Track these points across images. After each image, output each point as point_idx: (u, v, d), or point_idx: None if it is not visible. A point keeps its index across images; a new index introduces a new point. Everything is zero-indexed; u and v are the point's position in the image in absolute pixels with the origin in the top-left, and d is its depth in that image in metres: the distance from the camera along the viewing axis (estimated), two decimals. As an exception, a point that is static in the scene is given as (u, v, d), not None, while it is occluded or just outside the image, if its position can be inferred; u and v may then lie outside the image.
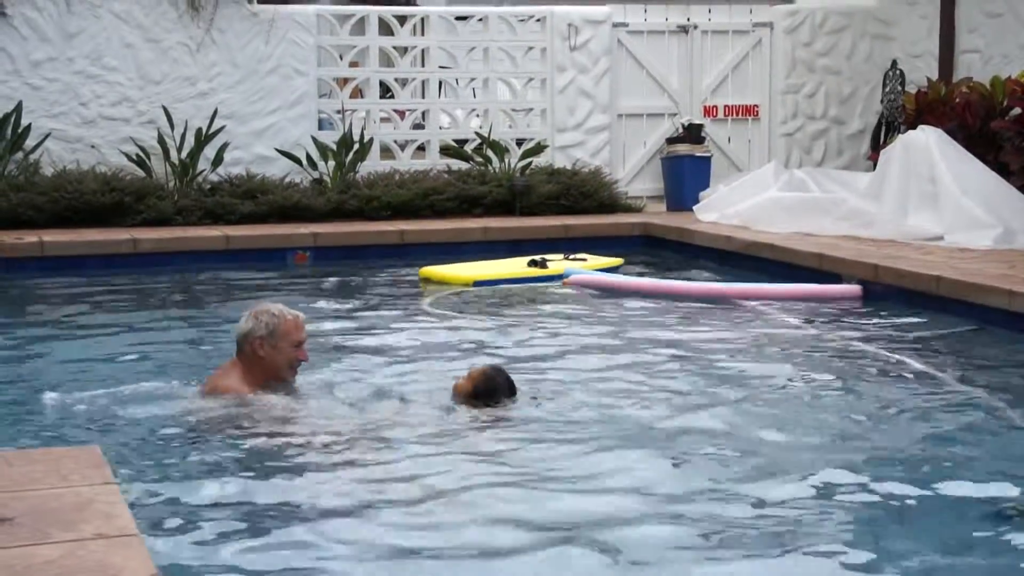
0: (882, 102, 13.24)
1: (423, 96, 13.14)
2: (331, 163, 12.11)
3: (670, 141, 13.21)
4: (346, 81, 13.04)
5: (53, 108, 11.80)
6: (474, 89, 13.48)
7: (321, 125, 12.68)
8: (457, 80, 13.18)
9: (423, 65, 13.17)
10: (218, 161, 11.85)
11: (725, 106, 13.75)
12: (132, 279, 9.91)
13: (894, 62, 13.27)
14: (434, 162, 12.84)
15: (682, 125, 13.19)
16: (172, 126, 11.69)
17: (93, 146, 11.87)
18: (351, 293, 9.53)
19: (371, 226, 11.46)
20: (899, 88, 12.96)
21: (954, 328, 7.76)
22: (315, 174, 12.15)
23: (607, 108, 13.29)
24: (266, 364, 5.54)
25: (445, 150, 12.94)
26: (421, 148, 13.13)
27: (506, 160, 12.66)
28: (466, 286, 9.47)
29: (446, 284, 9.59)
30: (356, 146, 12.16)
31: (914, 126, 11.36)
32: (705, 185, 12.80)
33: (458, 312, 8.50)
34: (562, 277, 9.56)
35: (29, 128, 11.49)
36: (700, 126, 13.22)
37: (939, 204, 10.48)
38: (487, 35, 13.13)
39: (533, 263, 9.94)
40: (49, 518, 3.21)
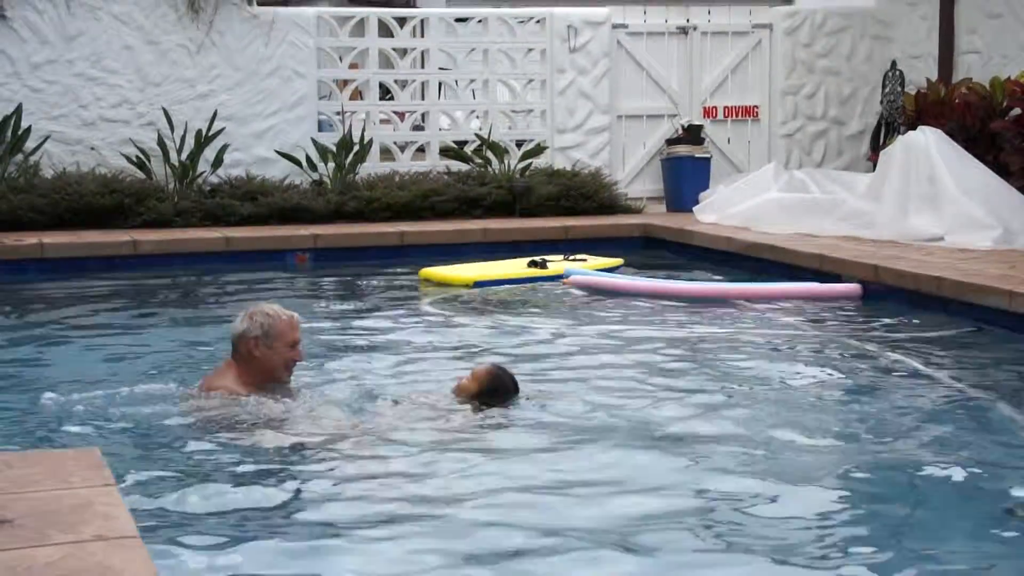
0: (882, 103, 13.24)
1: (423, 98, 13.14)
2: (331, 165, 12.11)
3: (670, 142, 13.21)
4: (346, 83, 13.04)
5: (53, 110, 11.81)
6: (474, 91, 13.49)
7: (321, 127, 12.68)
8: (457, 82, 13.19)
9: (423, 67, 13.18)
10: (218, 163, 11.86)
11: (725, 107, 13.76)
12: (132, 281, 9.91)
13: (894, 63, 13.28)
14: (434, 163, 12.84)
15: (682, 126, 13.19)
16: (172, 128, 11.70)
17: (93, 148, 11.87)
18: (351, 295, 9.53)
19: (371, 228, 11.46)
20: (899, 89, 12.96)
21: (954, 328, 7.76)
22: (315, 176, 12.15)
23: (607, 109, 13.29)
24: (261, 364, 5.53)
25: (445, 151, 12.94)
26: (421, 150, 13.13)
27: (506, 161, 12.66)
28: (466, 287, 9.48)
29: (446, 285, 9.59)
30: (356, 148, 12.17)
31: (914, 127, 11.36)
32: (705, 186, 12.80)
33: (458, 313, 8.50)
34: (562, 278, 9.56)
35: (29, 130, 11.50)
36: (700, 127, 13.22)
37: (939, 205, 10.48)
38: (487, 37, 13.14)
39: (533, 263, 9.94)
40: (49, 520, 3.21)
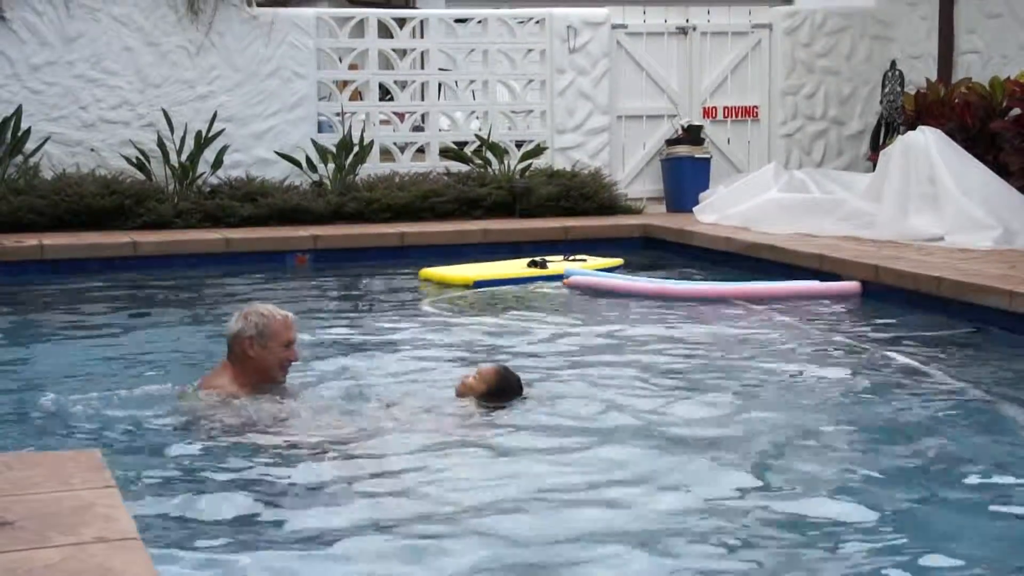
0: (881, 103, 13.24)
1: (422, 98, 13.14)
2: (331, 166, 12.11)
3: (670, 143, 13.22)
4: (346, 84, 13.04)
5: (53, 112, 11.81)
6: (473, 91, 13.49)
7: (321, 128, 12.68)
8: (456, 82, 13.19)
9: (422, 67, 13.18)
10: (218, 164, 11.86)
11: (724, 107, 13.75)
12: (132, 282, 9.91)
13: (893, 63, 13.28)
14: (434, 164, 12.84)
15: (681, 126, 13.19)
16: (172, 129, 11.70)
17: (93, 149, 11.87)
18: (351, 295, 9.53)
19: (371, 228, 11.47)
20: (898, 89, 12.96)
21: (954, 329, 7.76)
22: (315, 177, 12.15)
23: (606, 110, 13.29)
24: (256, 364, 5.54)
25: (445, 152, 12.94)
26: (421, 150, 13.13)
27: (506, 162, 12.67)
28: (466, 287, 9.48)
29: (446, 285, 9.59)
30: (356, 148, 12.17)
31: (914, 127, 11.36)
32: (705, 186, 12.81)
33: (458, 313, 8.50)
34: (562, 278, 9.56)
35: (29, 132, 11.50)
36: (699, 127, 13.22)
37: (939, 205, 10.48)
38: (486, 37, 13.14)
39: (533, 263, 9.95)
40: (50, 521, 3.21)
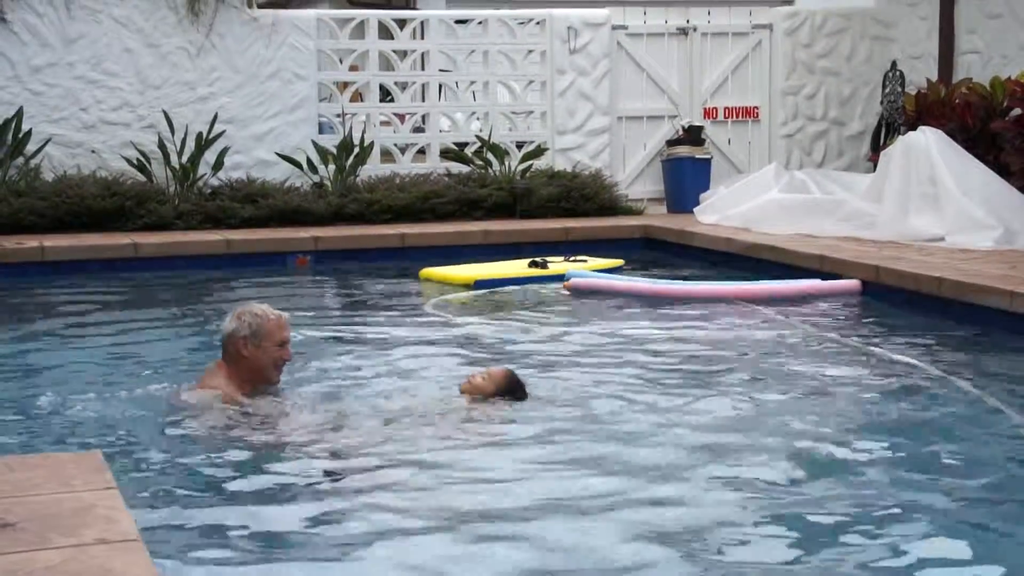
0: (882, 103, 13.24)
1: (423, 99, 13.14)
2: (331, 167, 12.12)
3: (670, 143, 13.22)
4: (346, 85, 13.05)
5: (54, 113, 11.81)
6: (474, 92, 13.50)
7: (321, 129, 12.69)
8: (457, 83, 13.20)
9: (423, 68, 13.18)
10: (218, 165, 11.86)
11: (725, 108, 13.76)
12: (133, 284, 9.92)
13: (894, 63, 13.28)
14: (434, 165, 12.85)
15: (682, 127, 13.19)
16: (172, 131, 11.71)
17: (94, 151, 11.88)
18: (352, 296, 9.53)
19: (372, 230, 11.47)
20: (899, 89, 12.96)
21: (955, 329, 7.76)
22: (315, 178, 12.16)
23: (607, 110, 13.30)
24: (251, 364, 5.55)
25: (445, 153, 12.95)
26: (421, 151, 13.14)
27: (506, 163, 12.67)
28: (467, 286, 9.48)
29: (447, 284, 9.59)
30: (356, 150, 12.17)
31: (914, 127, 11.37)
32: (705, 187, 12.81)
33: (459, 314, 8.50)
34: (563, 278, 9.55)
35: (30, 133, 11.51)
36: (700, 128, 13.23)
37: (940, 205, 10.49)
38: (487, 38, 13.15)
39: (534, 264, 9.95)
40: (50, 523, 3.21)
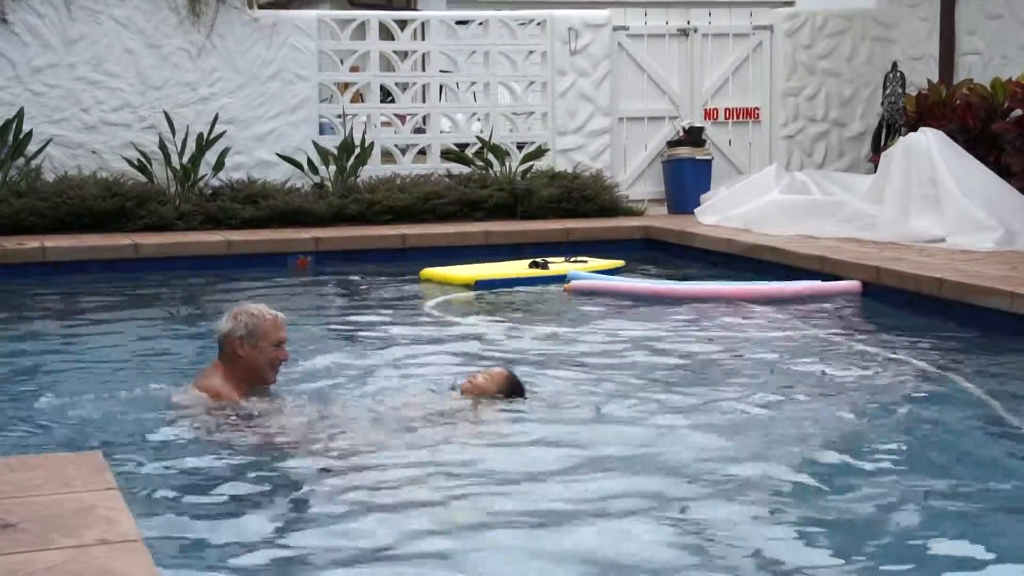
0: (883, 104, 13.24)
1: (424, 100, 13.15)
2: (332, 167, 12.12)
3: (671, 144, 13.22)
4: (347, 86, 13.06)
5: (55, 114, 11.82)
6: (475, 93, 13.50)
7: (322, 130, 12.69)
8: (458, 84, 13.20)
9: (424, 69, 13.18)
10: (219, 166, 11.87)
11: (726, 109, 13.75)
12: (134, 284, 9.92)
13: (894, 64, 13.28)
14: (435, 166, 12.85)
15: (683, 128, 13.19)
16: (173, 131, 11.71)
17: (94, 152, 11.88)
18: (353, 297, 9.53)
19: (372, 230, 11.48)
20: (900, 90, 12.95)
21: (956, 330, 7.75)
22: (316, 179, 12.16)
23: (608, 111, 13.30)
24: (247, 364, 5.56)
25: (446, 154, 12.95)
26: (422, 152, 13.14)
27: (507, 164, 12.67)
28: (467, 286, 9.49)
29: (448, 285, 9.59)
30: (357, 150, 12.18)
31: (915, 128, 11.37)
32: (706, 188, 12.81)
33: (460, 314, 8.50)
34: (563, 278, 9.55)
35: (31, 134, 11.51)
36: (701, 129, 13.23)
37: (940, 206, 10.49)
38: (487, 39, 13.15)
39: (534, 264, 9.95)
40: (51, 524, 3.21)
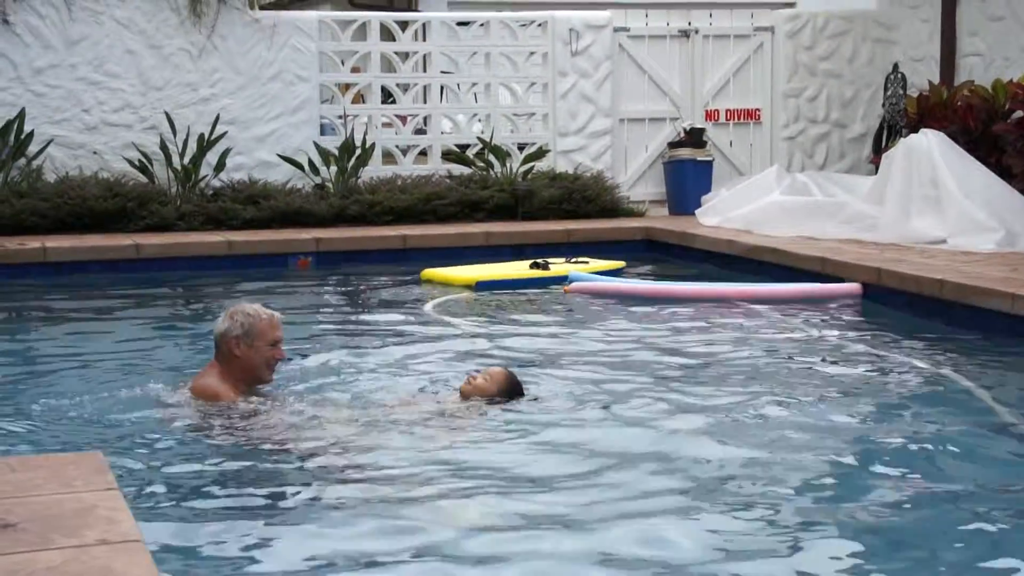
0: (884, 106, 13.24)
1: (425, 101, 13.15)
2: (333, 168, 12.13)
3: (672, 145, 13.22)
4: (348, 86, 13.06)
5: (56, 114, 11.82)
6: (476, 94, 13.50)
7: (323, 130, 12.70)
8: (459, 85, 13.20)
9: (425, 70, 13.19)
10: (220, 167, 11.87)
11: (727, 110, 13.76)
12: (135, 285, 9.92)
13: (895, 65, 13.28)
14: (436, 167, 12.85)
15: (684, 129, 13.20)
16: (174, 132, 11.71)
17: (96, 152, 11.89)
18: (353, 298, 9.53)
19: (373, 231, 11.48)
20: (901, 91, 12.96)
21: (957, 331, 7.75)
22: (317, 179, 12.17)
23: (609, 112, 13.30)
24: (243, 364, 5.57)
25: (447, 155, 12.95)
26: (423, 153, 13.14)
27: (508, 165, 12.67)
28: (468, 287, 9.49)
29: (448, 286, 9.60)
30: (358, 151, 12.18)
31: (916, 129, 11.37)
32: (707, 189, 12.81)
33: (460, 315, 8.50)
34: (564, 279, 9.55)
35: (32, 134, 11.52)
36: (702, 130, 13.23)
37: (941, 207, 10.48)
38: (488, 40, 13.15)
39: (535, 265, 9.95)
40: (52, 524, 3.21)
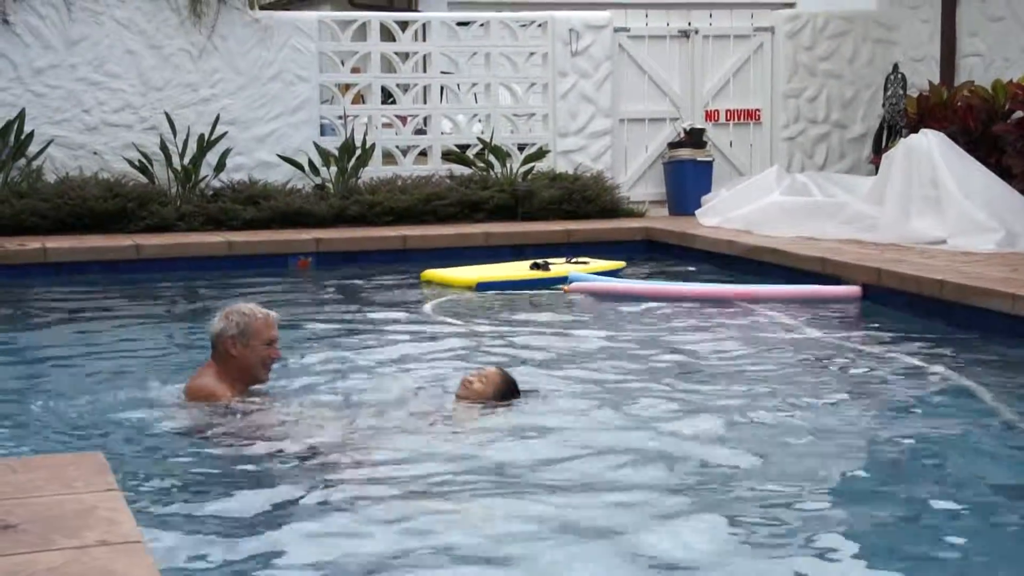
0: (884, 106, 13.24)
1: (425, 101, 13.16)
2: (333, 169, 12.13)
3: (672, 146, 13.22)
4: (348, 87, 13.06)
5: (56, 115, 11.82)
6: (476, 94, 13.50)
7: (323, 131, 12.70)
8: (459, 85, 13.20)
9: (425, 71, 13.18)
10: (220, 167, 11.87)
11: (727, 110, 13.76)
12: (135, 285, 9.92)
13: (895, 66, 13.28)
14: (436, 167, 12.85)
15: (684, 130, 13.20)
16: (174, 132, 11.71)
17: (96, 152, 11.89)
18: (354, 299, 9.53)
19: (373, 232, 11.48)
20: (901, 92, 12.96)
21: (957, 332, 7.75)
22: (317, 180, 12.17)
23: (609, 113, 13.30)
24: (239, 363, 5.59)
25: (447, 155, 12.95)
26: (423, 153, 13.14)
27: (508, 165, 12.67)
28: (469, 288, 9.49)
29: (448, 286, 9.59)
30: (358, 152, 12.18)
31: (916, 130, 11.37)
32: (707, 189, 12.81)
33: (460, 316, 8.50)
34: (565, 280, 9.55)
35: (32, 135, 11.52)
36: (702, 130, 13.23)
37: (941, 208, 10.48)
38: (488, 40, 13.15)
39: (536, 266, 9.95)
40: (53, 525, 3.21)
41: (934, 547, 4.12)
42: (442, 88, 13.24)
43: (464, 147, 13.10)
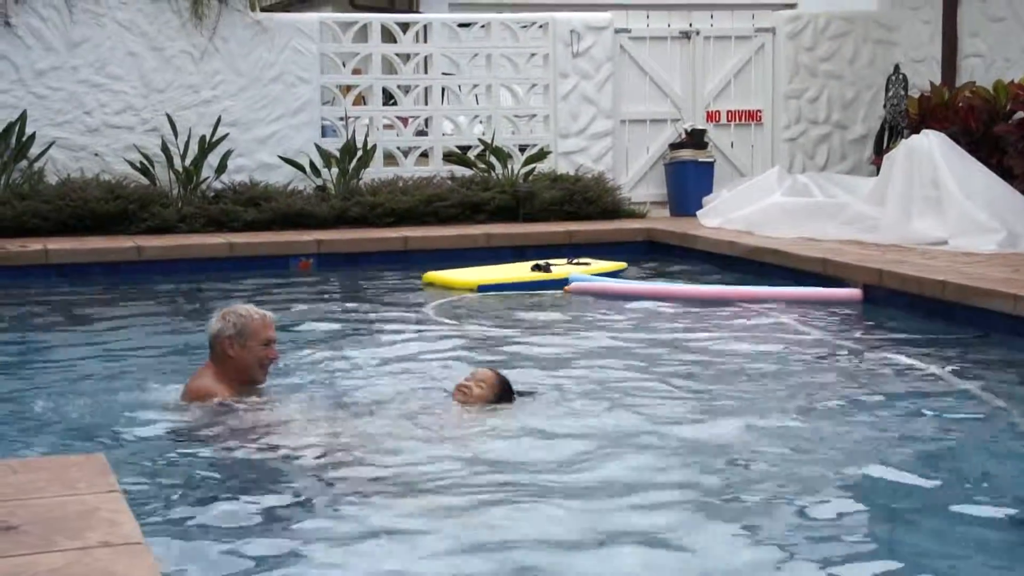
0: (885, 107, 13.24)
1: (426, 103, 13.17)
2: (334, 170, 12.13)
3: (673, 147, 13.23)
4: (349, 88, 13.07)
5: (57, 117, 11.83)
6: (477, 96, 13.51)
7: (324, 132, 12.70)
8: (460, 87, 13.21)
9: (426, 72, 13.19)
10: (222, 169, 11.88)
11: (728, 111, 13.76)
12: (136, 287, 9.92)
13: (897, 67, 13.27)
14: (437, 169, 12.86)
15: (685, 130, 13.20)
16: (176, 134, 11.72)
17: (97, 154, 11.90)
18: (355, 300, 9.53)
19: (375, 233, 11.48)
20: (902, 92, 12.95)
21: (959, 333, 7.75)
22: (318, 181, 12.17)
23: (610, 114, 13.30)
24: (237, 364, 5.60)
25: (448, 156, 12.95)
26: (424, 155, 13.15)
27: (509, 166, 12.67)
28: (470, 290, 9.48)
29: (450, 288, 9.59)
30: (359, 153, 12.18)
31: (917, 130, 11.37)
32: (708, 190, 12.81)
33: (461, 317, 8.50)
34: (566, 281, 9.55)
35: (33, 136, 11.53)
36: (703, 131, 13.23)
37: (943, 208, 10.48)
38: (489, 42, 13.16)
39: (537, 267, 9.94)
40: (54, 526, 3.20)
41: (934, 547, 4.11)
42: (443, 89, 13.24)
43: (465, 148, 13.10)
